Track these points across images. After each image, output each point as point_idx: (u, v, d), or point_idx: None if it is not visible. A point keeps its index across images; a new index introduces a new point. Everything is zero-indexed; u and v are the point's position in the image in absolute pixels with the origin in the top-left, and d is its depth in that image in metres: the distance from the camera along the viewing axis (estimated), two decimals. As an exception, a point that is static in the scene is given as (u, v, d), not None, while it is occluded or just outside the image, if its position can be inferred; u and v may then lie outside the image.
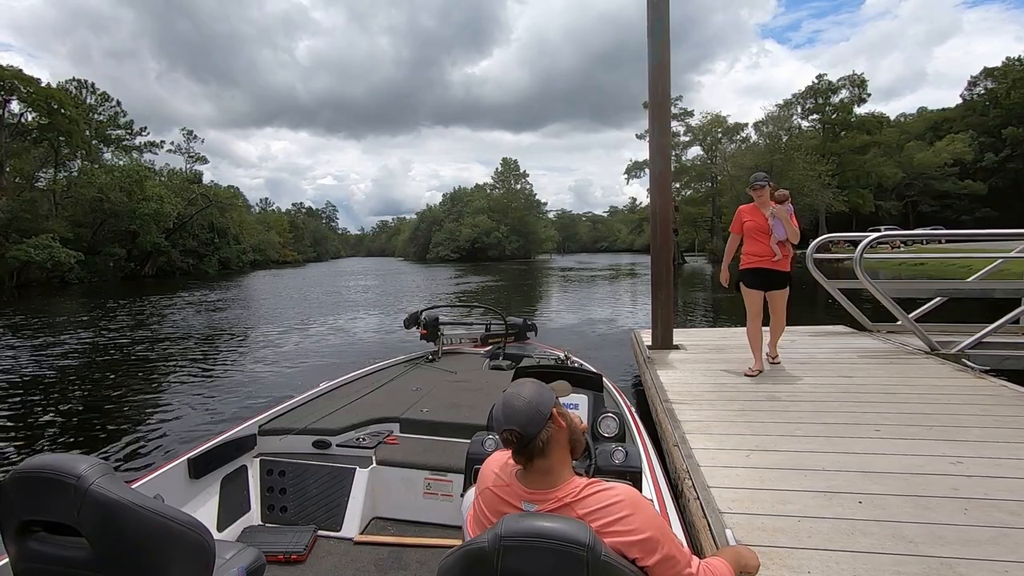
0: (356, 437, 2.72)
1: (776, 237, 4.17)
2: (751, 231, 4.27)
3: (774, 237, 4.17)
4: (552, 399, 1.22)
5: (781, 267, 4.24)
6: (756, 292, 4.32)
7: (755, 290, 4.32)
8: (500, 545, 0.93)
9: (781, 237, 4.17)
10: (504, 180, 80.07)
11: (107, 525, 1.09)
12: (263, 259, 59.52)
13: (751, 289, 4.34)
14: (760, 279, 4.30)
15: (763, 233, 4.20)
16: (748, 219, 4.29)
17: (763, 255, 4.23)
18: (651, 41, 5.36)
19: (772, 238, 4.18)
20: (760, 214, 4.22)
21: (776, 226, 4.16)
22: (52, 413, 5.49)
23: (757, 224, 4.22)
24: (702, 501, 2.23)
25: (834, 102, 45.74)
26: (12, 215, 28.05)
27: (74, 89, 39.54)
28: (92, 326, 12.46)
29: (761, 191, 4.22)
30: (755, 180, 4.27)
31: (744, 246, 4.37)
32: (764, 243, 4.21)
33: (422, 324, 4.67)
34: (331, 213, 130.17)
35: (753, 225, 4.25)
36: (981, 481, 2.33)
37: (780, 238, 4.17)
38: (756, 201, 4.28)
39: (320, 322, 12.93)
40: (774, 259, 4.20)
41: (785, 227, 4.15)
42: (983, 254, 5.53)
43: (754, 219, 4.25)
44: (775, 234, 4.17)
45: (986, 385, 3.89)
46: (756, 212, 4.25)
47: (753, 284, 4.33)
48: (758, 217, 4.23)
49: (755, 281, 4.31)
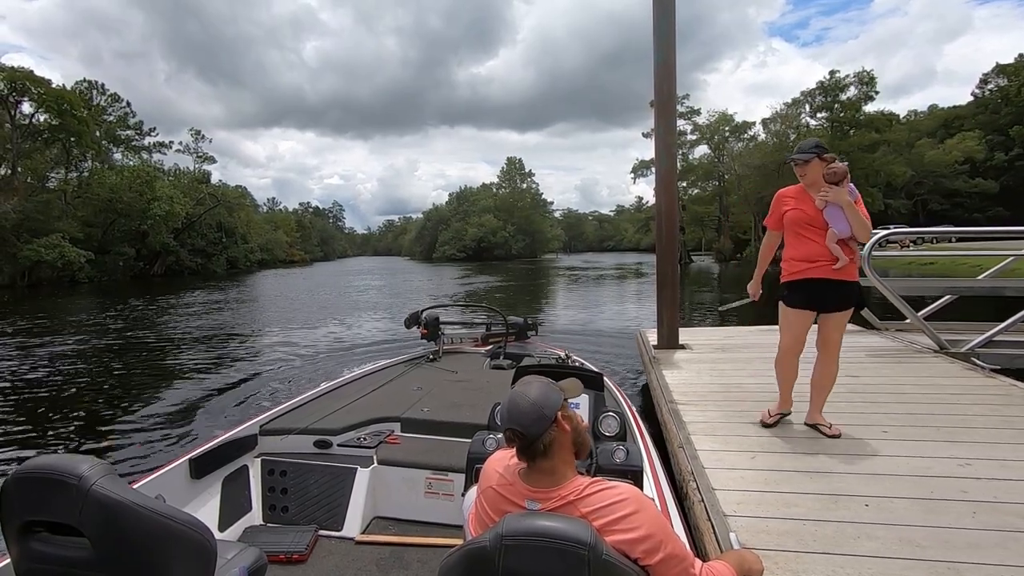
0: (357, 437, 2.73)
1: (836, 233, 2.77)
2: (796, 225, 2.86)
3: (832, 234, 2.78)
4: (559, 401, 1.22)
5: (845, 276, 2.80)
6: (803, 313, 2.91)
7: (802, 310, 2.91)
8: (501, 544, 0.93)
9: (843, 233, 2.77)
10: (510, 179, 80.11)
11: (109, 525, 1.09)
12: (270, 258, 59.86)
13: (795, 308, 2.92)
14: (811, 295, 2.86)
15: (814, 228, 2.83)
16: (792, 208, 2.89)
17: (816, 259, 2.81)
18: (657, 39, 5.33)
19: (829, 235, 2.79)
20: (809, 200, 2.86)
21: (834, 217, 2.78)
22: (54, 413, 5.53)
23: (805, 215, 2.84)
24: (706, 503, 2.21)
25: (843, 99, 45.32)
26: (24, 215, 28.37)
27: (84, 90, 39.96)
28: (98, 325, 12.58)
29: (805, 167, 2.82)
30: (800, 151, 2.87)
31: (786, 248, 2.96)
32: (817, 242, 2.81)
33: (423, 324, 4.69)
34: (338, 213, 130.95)
35: (799, 216, 2.85)
36: (990, 484, 2.29)
37: (841, 235, 2.77)
38: (802, 182, 2.90)
39: (324, 322, 12.98)
40: (834, 266, 2.78)
41: (848, 217, 2.74)
42: (993, 252, 5.43)
43: (800, 207, 2.86)
44: (834, 229, 2.77)
45: (996, 385, 3.84)
46: (804, 197, 2.88)
47: (799, 302, 2.90)
48: (806, 204, 2.85)
49: (803, 298, 2.89)
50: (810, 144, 2.88)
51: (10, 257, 27.60)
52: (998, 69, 47.86)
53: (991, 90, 48.97)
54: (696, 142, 47.35)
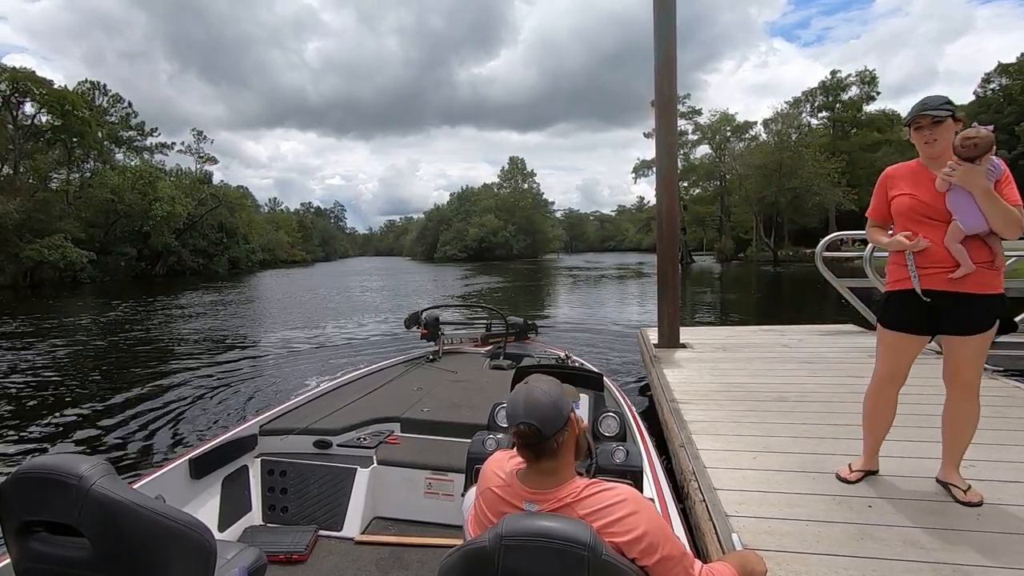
0: (357, 437, 2.72)
1: (961, 229, 1.98)
2: (908, 216, 2.11)
3: (956, 229, 1.99)
4: (570, 403, 1.23)
5: (973, 288, 2.00)
6: (907, 338, 2.17)
7: (904, 334, 2.17)
8: (501, 545, 0.93)
9: (973, 229, 1.97)
10: (511, 179, 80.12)
11: (108, 525, 1.09)
12: (272, 259, 59.95)
13: (893, 331, 2.20)
14: (916, 312, 2.12)
15: (935, 220, 2.05)
16: (902, 191, 2.13)
17: (932, 264, 2.05)
18: (657, 39, 5.33)
19: (951, 230, 2.00)
20: (929, 181, 2.07)
21: (961, 204, 1.98)
22: (54, 413, 5.53)
23: (920, 202, 2.07)
24: (708, 504, 2.20)
25: (844, 99, 45.27)
26: (26, 215, 28.44)
27: (87, 91, 40.05)
28: (99, 326, 12.61)
29: (936, 129, 2.02)
30: (928, 107, 2.04)
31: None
32: (933, 239, 2.04)
33: (423, 324, 4.69)
34: (339, 213, 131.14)
35: (911, 204, 2.09)
36: (994, 485, 2.28)
37: (970, 230, 1.98)
38: (922, 154, 2.13)
39: (324, 322, 12.98)
40: (951, 274, 2.00)
41: (985, 205, 1.93)
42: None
43: (914, 192, 2.09)
44: (958, 222, 1.99)
45: (999, 386, 3.82)
46: (921, 177, 2.11)
47: (896, 320, 2.18)
48: (923, 188, 2.08)
49: (902, 315, 2.16)
50: (941, 100, 2.03)
51: (12, 257, 27.68)
52: (1000, 68, 47.75)
53: (993, 89, 48.84)
54: (697, 142, 47.37)
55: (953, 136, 2.02)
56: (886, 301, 2.24)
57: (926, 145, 2.08)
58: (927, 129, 2.05)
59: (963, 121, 2.03)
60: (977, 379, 2.11)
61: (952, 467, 2.24)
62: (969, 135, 1.95)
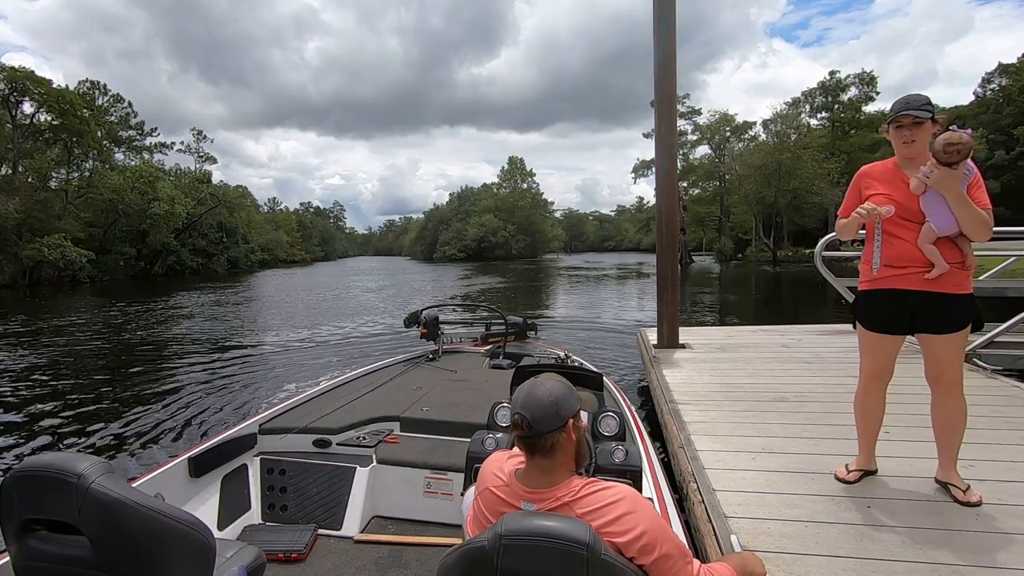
0: (356, 436, 2.73)
1: (934, 231, 2.04)
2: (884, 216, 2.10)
3: (928, 230, 2.05)
4: (575, 408, 1.22)
5: (945, 287, 2.06)
6: (883, 338, 2.23)
7: (879, 334, 2.23)
8: (500, 544, 0.93)
9: (945, 230, 2.04)
10: (511, 179, 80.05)
11: (108, 524, 1.09)
12: (271, 258, 59.98)
13: (870, 332, 2.25)
14: (894, 310, 2.16)
15: (908, 221, 2.10)
16: (877, 191, 2.15)
17: (905, 263, 2.10)
18: (657, 39, 5.33)
19: (924, 231, 2.06)
20: (903, 182, 2.12)
21: (934, 206, 2.04)
22: (54, 411, 5.53)
23: (895, 201, 2.10)
24: (707, 505, 2.20)
25: (843, 100, 45.29)
26: (26, 215, 28.42)
27: (87, 90, 39.99)
28: (99, 325, 12.59)
29: (916, 130, 2.05)
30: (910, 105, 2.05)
31: (867, 245, 2.27)
32: (908, 240, 2.09)
33: (422, 323, 4.69)
34: (339, 212, 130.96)
35: (885, 203, 2.10)
36: (993, 485, 2.28)
37: (942, 232, 2.04)
38: (898, 153, 2.16)
39: (324, 321, 12.98)
40: (927, 275, 2.06)
41: (958, 209, 1.99)
42: (995, 252, 5.42)
43: (889, 192, 2.12)
44: (931, 223, 2.05)
45: (999, 386, 3.83)
46: (896, 178, 2.15)
47: (875, 321, 2.23)
48: (897, 189, 2.12)
49: (878, 316, 2.21)
50: (918, 99, 2.04)
51: (12, 256, 27.67)
52: (1000, 69, 47.79)
53: (993, 90, 48.87)
54: (697, 142, 47.40)
55: (930, 138, 2.05)
56: (859, 301, 2.30)
57: (904, 145, 2.11)
58: (907, 129, 2.07)
59: (940, 124, 2.06)
60: (960, 377, 2.16)
61: (950, 467, 2.25)
62: (952, 140, 1.96)
